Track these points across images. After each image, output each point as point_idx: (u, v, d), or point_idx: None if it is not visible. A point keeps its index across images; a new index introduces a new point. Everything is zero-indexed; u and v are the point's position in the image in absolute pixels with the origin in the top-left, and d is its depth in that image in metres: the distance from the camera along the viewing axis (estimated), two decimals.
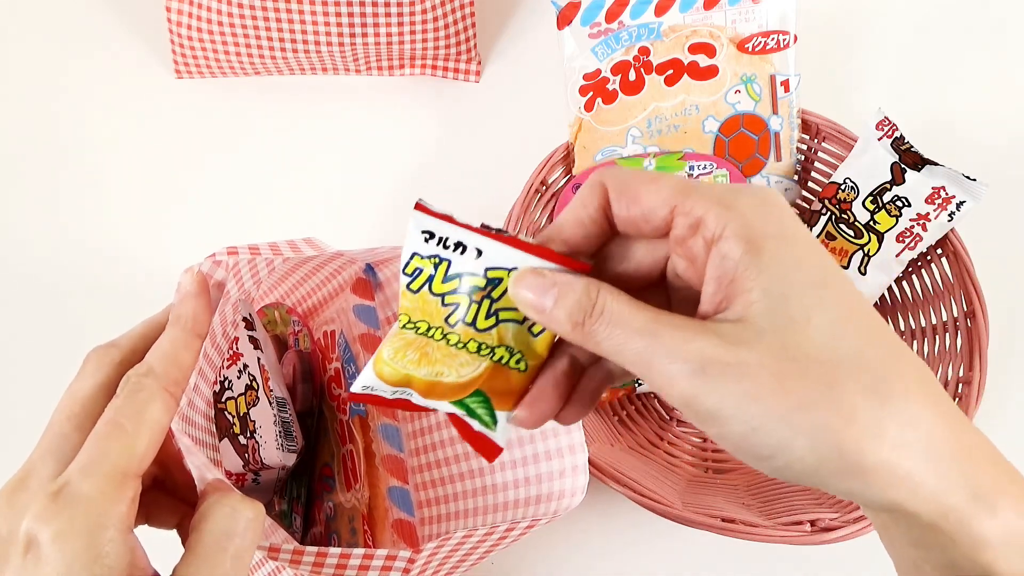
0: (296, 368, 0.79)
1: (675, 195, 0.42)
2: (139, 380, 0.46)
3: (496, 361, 0.45)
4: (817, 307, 0.40)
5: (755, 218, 0.41)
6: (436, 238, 0.43)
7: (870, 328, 0.41)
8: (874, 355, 0.40)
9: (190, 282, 0.52)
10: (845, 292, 0.41)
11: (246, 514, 0.46)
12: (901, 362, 0.41)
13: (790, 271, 0.40)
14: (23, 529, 0.41)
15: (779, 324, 0.40)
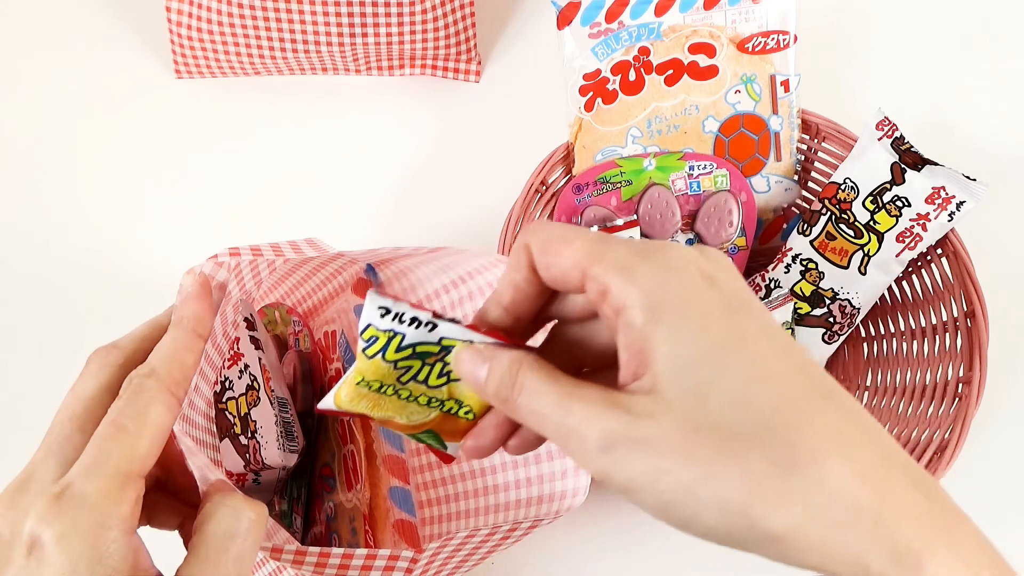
0: (297, 368, 0.79)
1: (584, 259, 0.42)
2: (141, 381, 0.46)
3: (445, 411, 0.49)
4: (720, 376, 0.39)
5: (655, 287, 0.41)
6: (392, 314, 0.45)
7: (783, 388, 0.40)
8: (781, 420, 0.39)
9: (192, 283, 0.52)
10: (755, 353, 0.40)
11: (248, 515, 0.46)
12: (813, 422, 0.39)
13: (691, 340, 0.40)
14: (26, 530, 0.41)
15: (683, 395, 0.40)
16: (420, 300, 0.72)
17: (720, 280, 0.42)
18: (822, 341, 0.93)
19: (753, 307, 0.42)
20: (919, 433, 0.84)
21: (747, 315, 0.42)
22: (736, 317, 0.41)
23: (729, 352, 0.40)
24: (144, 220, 1.04)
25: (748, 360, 0.40)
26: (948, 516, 0.39)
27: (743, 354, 0.40)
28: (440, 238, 1.02)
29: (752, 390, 0.39)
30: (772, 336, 0.41)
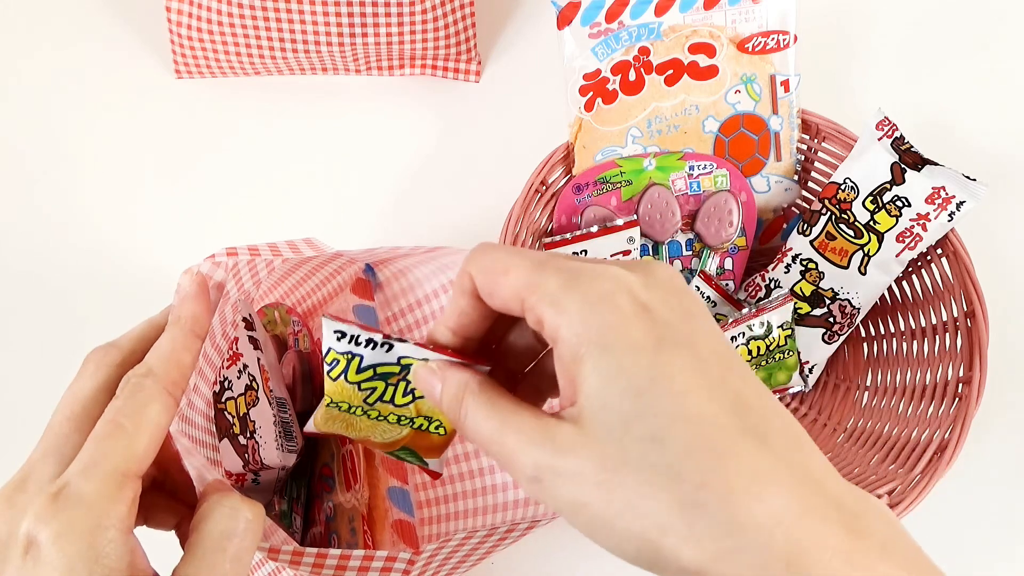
0: (296, 368, 0.79)
1: (522, 289, 0.43)
2: (139, 381, 0.46)
3: (416, 428, 0.50)
4: (640, 414, 0.39)
5: (581, 321, 0.41)
6: (347, 337, 0.47)
7: (702, 427, 0.39)
8: (694, 461, 0.39)
9: (189, 283, 0.52)
10: (678, 390, 0.40)
11: (245, 515, 0.46)
12: (728, 464, 0.39)
13: (614, 378, 0.40)
14: (23, 530, 0.41)
15: (605, 431, 0.40)
16: (419, 299, 0.72)
17: (655, 309, 0.42)
18: (822, 341, 0.93)
19: (690, 336, 0.42)
20: (919, 433, 0.84)
21: (677, 347, 0.41)
22: (664, 351, 0.41)
23: (650, 390, 0.40)
24: (144, 220, 1.04)
25: (670, 397, 0.40)
26: (873, 555, 0.38)
27: (665, 391, 0.40)
28: (440, 238, 1.02)
29: (669, 429, 0.39)
30: (705, 369, 0.41)
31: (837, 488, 0.40)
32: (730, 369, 0.42)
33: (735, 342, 0.91)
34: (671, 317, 0.42)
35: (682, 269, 0.96)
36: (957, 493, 0.90)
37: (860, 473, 0.85)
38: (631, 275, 0.42)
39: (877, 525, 0.39)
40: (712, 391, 0.40)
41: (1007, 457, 0.96)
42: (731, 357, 0.42)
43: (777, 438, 0.40)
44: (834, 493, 0.40)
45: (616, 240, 0.92)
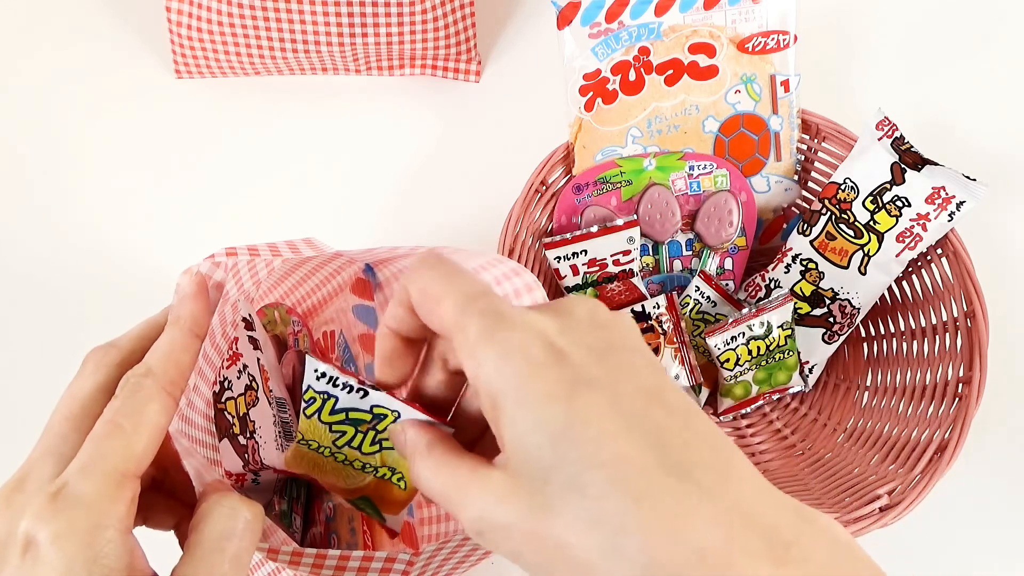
0: (296, 368, 0.79)
1: (450, 327, 0.44)
2: (138, 381, 0.46)
3: (380, 478, 0.51)
4: (557, 464, 0.40)
5: (496, 375, 0.41)
6: (327, 378, 0.48)
7: (619, 470, 0.39)
8: (612, 507, 0.39)
9: (189, 283, 0.52)
10: (594, 435, 0.40)
11: (244, 515, 0.46)
12: (643, 506, 0.39)
13: (530, 429, 0.41)
14: (22, 530, 0.41)
15: (528, 482, 0.41)
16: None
17: (570, 353, 0.42)
18: (822, 341, 0.93)
19: (608, 375, 0.42)
20: (919, 433, 0.84)
21: (592, 391, 0.41)
22: (578, 396, 0.41)
23: (565, 438, 0.40)
24: (143, 220, 1.04)
25: (585, 444, 0.40)
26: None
27: (580, 438, 0.40)
28: (440, 238, 1.02)
29: (586, 476, 0.39)
30: (623, 409, 0.41)
31: (771, 515, 0.40)
32: (654, 402, 0.42)
33: (735, 342, 0.91)
34: (588, 358, 0.42)
35: (682, 269, 0.96)
36: (957, 493, 0.90)
37: (860, 473, 0.85)
38: (548, 321, 0.43)
39: (814, 550, 0.39)
40: (630, 431, 0.40)
41: (1007, 457, 0.96)
42: (657, 388, 0.43)
43: (703, 471, 0.40)
44: (766, 522, 0.39)
45: (616, 240, 0.92)
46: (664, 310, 0.90)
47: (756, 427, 0.97)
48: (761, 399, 0.95)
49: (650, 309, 0.91)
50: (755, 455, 0.95)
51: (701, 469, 0.40)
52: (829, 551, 0.40)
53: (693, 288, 0.94)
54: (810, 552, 0.39)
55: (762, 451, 0.95)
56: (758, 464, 0.94)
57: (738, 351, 0.91)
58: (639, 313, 0.90)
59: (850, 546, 0.41)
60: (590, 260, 0.92)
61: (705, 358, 0.95)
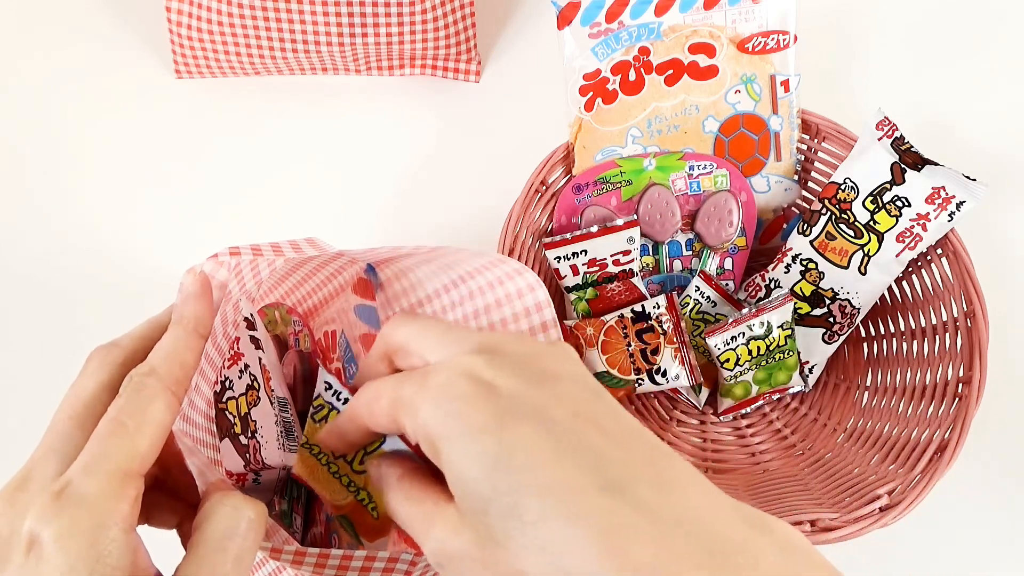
0: (297, 368, 0.79)
1: (391, 410, 0.46)
2: (142, 380, 0.46)
3: (358, 500, 0.54)
4: (494, 494, 0.41)
5: (431, 419, 0.44)
6: (332, 390, 0.52)
7: (552, 495, 0.41)
8: (550, 533, 0.40)
9: (192, 282, 0.52)
10: (524, 462, 0.41)
11: (248, 514, 0.46)
12: (578, 524, 0.40)
13: (466, 465, 0.42)
14: (25, 528, 0.41)
15: (472, 515, 0.42)
16: (420, 299, 0.72)
17: (500, 385, 0.44)
18: (822, 341, 0.93)
19: (540, 401, 0.43)
20: (919, 433, 0.84)
21: (523, 419, 0.42)
22: (509, 427, 0.42)
23: (499, 469, 0.41)
24: (144, 220, 1.04)
25: (519, 473, 0.41)
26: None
27: (514, 467, 0.41)
28: (440, 238, 1.02)
29: (523, 503, 0.40)
30: (556, 433, 0.42)
31: (717, 525, 0.41)
32: (588, 426, 0.43)
33: (735, 342, 0.91)
34: (518, 388, 0.44)
35: (682, 269, 0.96)
36: (957, 493, 0.90)
37: (860, 473, 0.85)
38: (475, 359, 0.45)
39: (764, 558, 0.40)
40: (564, 455, 0.41)
41: (1007, 457, 0.96)
42: (591, 412, 0.44)
43: (641, 487, 0.41)
44: (711, 532, 0.40)
45: (616, 240, 0.92)
46: (664, 310, 0.91)
47: (756, 427, 0.97)
48: (761, 399, 0.95)
49: (650, 309, 0.91)
50: (755, 455, 0.95)
51: (638, 486, 0.41)
52: (781, 558, 0.40)
53: (693, 288, 0.94)
54: (759, 560, 0.40)
55: (762, 451, 0.95)
56: (758, 464, 0.94)
57: (738, 351, 0.91)
58: (639, 313, 0.91)
59: (807, 552, 0.41)
60: (590, 260, 0.92)
61: (705, 358, 0.95)
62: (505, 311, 0.62)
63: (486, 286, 0.64)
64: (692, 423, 0.98)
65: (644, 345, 0.90)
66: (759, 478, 0.91)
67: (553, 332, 0.61)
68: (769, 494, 0.86)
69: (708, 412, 0.98)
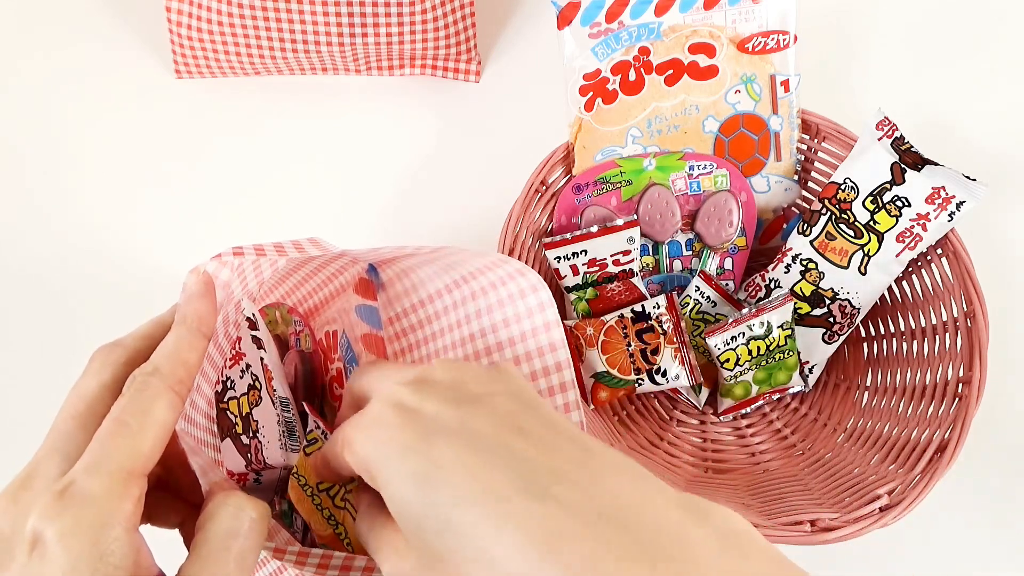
0: (298, 368, 0.79)
1: (348, 456, 0.49)
2: (145, 379, 0.46)
3: (336, 533, 0.55)
4: (424, 515, 0.43)
5: (364, 451, 0.47)
6: (320, 428, 0.54)
7: (477, 506, 0.42)
8: (480, 541, 0.42)
9: (196, 282, 0.52)
10: (447, 478, 0.43)
11: (250, 514, 0.46)
12: (507, 531, 0.41)
13: (397, 487, 0.45)
14: (28, 527, 0.41)
15: (411, 535, 0.45)
16: (422, 299, 0.72)
17: (424, 409, 0.46)
18: (822, 341, 0.94)
19: (464, 418, 0.46)
20: (919, 433, 0.84)
21: (448, 436, 0.45)
22: (435, 445, 0.44)
23: (428, 485, 0.43)
24: (144, 220, 1.04)
25: (446, 487, 0.43)
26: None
27: (440, 482, 0.43)
28: (440, 238, 1.02)
29: (454, 516, 0.42)
30: (481, 445, 0.44)
31: (651, 515, 0.42)
32: (513, 435, 0.45)
33: (735, 342, 0.91)
34: (442, 409, 0.46)
35: (682, 269, 0.96)
36: (957, 493, 0.90)
37: (860, 473, 0.85)
38: (404, 389, 0.48)
39: (702, 545, 0.41)
40: (489, 466, 0.43)
41: (1007, 457, 0.96)
42: (516, 423, 0.46)
43: (566, 488, 0.43)
44: (642, 523, 0.42)
45: (616, 240, 0.92)
46: (664, 310, 0.91)
47: (756, 427, 0.97)
48: (761, 399, 0.95)
49: (650, 309, 0.91)
50: (755, 455, 0.95)
51: (567, 486, 0.43)
52: (719, 544, 0.41)
53: (693, 288, 0.94)
54: (696, 548, 0.41)
55: (762, 451, 0.95)
56: (758, 464, 0.94)
57: (738, 351, 0.91)
58: (639, 313, 0.91)
59: (748, 536, 0.42)
60: (590, 260, 0.92)
61: (705, 358, 0.95)
62: (507, 311, 0.62)
63: (488, 287, 0.64)
64: (692, 423, 0.98)
65: (644, 345, 0.90)
66: (759, 478, 0.91)
67: (555, 332, 0.61)
68: (770, 494, 0.86)
69: (708, 412, 0.98)
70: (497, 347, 0.63)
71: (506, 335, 0.63)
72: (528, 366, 0.62)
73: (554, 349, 0.62)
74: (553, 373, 0.62)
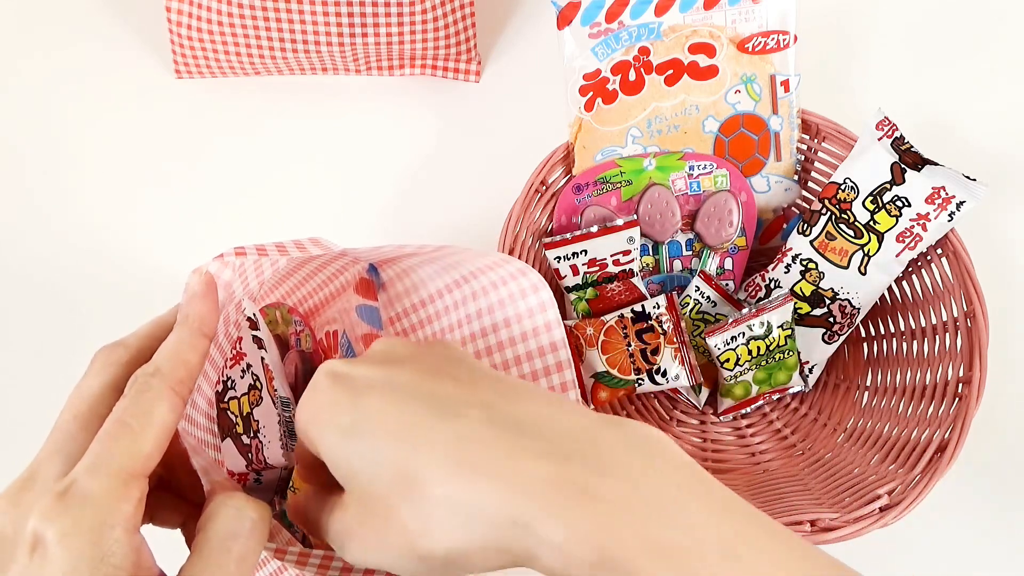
0: (298, 368, 0.79)
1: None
2: (146, 380, 0.46)
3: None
4: (353, 456, 0.46)
5: (301, 416, 0.49)
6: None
7: (396, 437, 0.45)
8: (403, 464, 0.45)
9: (198, 283, 0.52)
10: (372, 429, 0.46)
11: (251, 515, 0.46)
12: (423, 452, 0.44)
13: (329, 443, 0.47)
14: (29, 528, 0.41)
15: (349, 487, 0.47)
16: (423, 299, 0.72)
17: (353, 374, 0.49)
18: (822, 341, 0.94)
19: (390, 374, 0.48)
20: (919, 433, 0.84)
21: (372, 390, 0.47)
22: (362, 398, 0.47)
23: (357, 434, 0.46)
24: (144, 220, 1.04)
25: (368, 432, 0.46)
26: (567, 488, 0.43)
27: (363, 430, 0.46)
28: (440, 238, 1.02)
29: (376, 456, 0.45)
30: (404, 391, 0.47)
31: (560, 424, 0.46)
32: (437, 377, 0.48)
33: (735, 342, 0.91)
34: (371, 371, 0.49)
35: (682, 269, 0.97)
36: (957, 493, 0.90)
37: (860, 473, 0.85)
38: (337, 362, 0.50)
39: (608, 444, 0.45)
40: (407, 405, 0.46)
41: (1007, 457, 0.96)
42: (444, 367, 0.49)
43: (484, 408, 0.46)
44: (553, 429, 0.45)
45: (616, 240, 0.92)
46: (664, 310, 0.91)
47: (756, 427, 0.97)
48: (761, 399, 0.95)
49: (650, 309, 0.91)
50: (755, 455, 0.95)
51: (478, 408, 0.46)
52: (627, 443, 0.45)
53: (693, 288, 0.94)
54: (605, 446, 0.44)
55: (762, 451, 0.95)
56: (758, 464, 0.94)
57: (738, 351, 0.91)
58: (639, 313, 0.91)
59: (660, 442, 0.46)
60: (590, 260, 0.92)
61: (705, 358, 0.95)
62: (508, 311, 0.63)
63: (489, 286, 0.64)
64: (692, 423, 0.98)
65: (644, 345, 0.90)
66: (759, 478, 0.91)
67: (556, 332, 0.61)
68: (770, 494, 0.86)
69: (708, 412, 0.98)
70: (498, 347, 0.63)
71: (507, 335, 0.63)
72: (529, 366, 0.62)
73: (555, 349, 0.62)
74: (554, 373, 0.62)
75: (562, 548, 0.42)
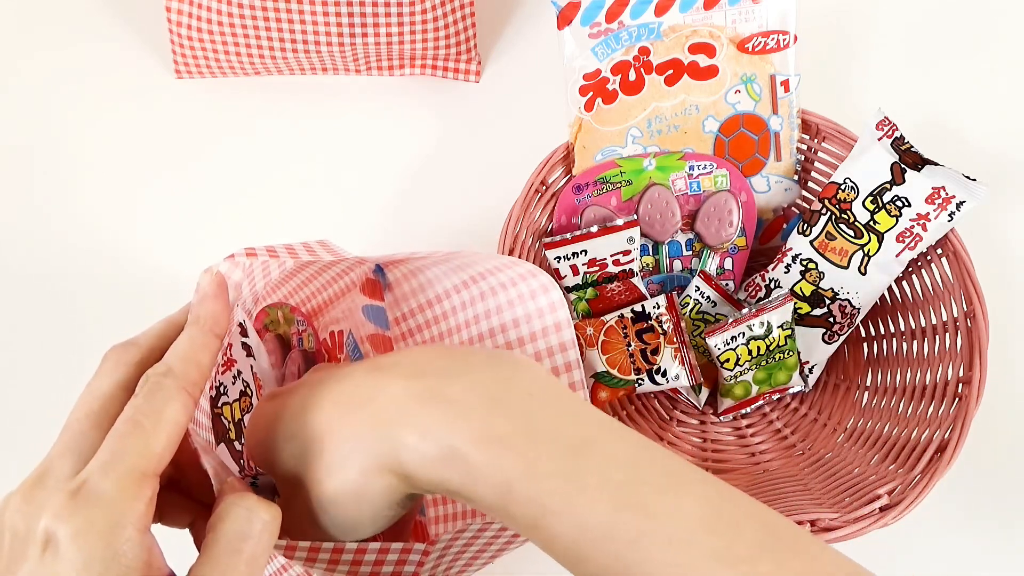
0: (301, 368, 0.79)
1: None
2: (158, 380, 0.46)
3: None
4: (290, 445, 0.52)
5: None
6: None
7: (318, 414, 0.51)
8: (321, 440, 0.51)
9: (209, 283, 0.52)
10: (312, 407, 0.52)
11: (262, 516, 0.46)
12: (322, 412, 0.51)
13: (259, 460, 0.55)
14: (41, 527, 0.41)
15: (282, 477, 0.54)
16: (430, 299, 0.72)
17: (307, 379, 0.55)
18: (822, 341, 0.94)
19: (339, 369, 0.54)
20: (919, 433, 0.84)
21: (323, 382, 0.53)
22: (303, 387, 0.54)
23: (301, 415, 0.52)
24: (144, 220, 1.04)
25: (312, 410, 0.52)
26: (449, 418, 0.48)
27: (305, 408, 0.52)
28: (440, 238, 1.02)
29: (305, 431, 0.52)
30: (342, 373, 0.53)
31: (434, 362, 0.51)
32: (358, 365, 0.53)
33: (735, 342, 0.91)
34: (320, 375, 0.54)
35: (682, 269, 0.97)
36: (957, 493, 0.90)
37: (860, 473, 0.85)
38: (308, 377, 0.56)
39: (479, 368, 0.50)
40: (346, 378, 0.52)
41: (1007, 457, 0.96)
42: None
43: (390, 364, 0.52)
44: (420, 362, 0.51)
45: (616, 240, 0.92)
46: (664, 310, 0.91)
47: (756, 427, 0.98)
48: (761, 399, 0.95)
49: (650, 309, 0.91)
50: (755, 455, 0.95)
51: (369, 363, 0.53)
52: (488, 358, 0.52)
53: (693, 288, 0.94)
54: (463, 366, 0.50)
55: (762, 451, 0.95)
56: (758, 464, 0.94)
57: (738, 351, 0.91)
58: (639, 313, 0.91)
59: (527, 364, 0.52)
60: (590, 260, 0.92)
61: (705, 358, 0.96)
62: (517, 312, 0.63)
63: (498, 287, 0.64)
64: (692, 423, 0.98)
65: (644, 345, 0.90)
66: (759, 478, 0.91)
67: (566, 332, 0.61)
68: (770, 494, 0.86)
69: (708, 412, 0.98)
70: (506, 348, 0.64)
71: (515, 335, 0.63)
72: None
73: (564, 349, 0.62)
74: (563, 373, 0.62)
75: (417, 448, 0.47)
